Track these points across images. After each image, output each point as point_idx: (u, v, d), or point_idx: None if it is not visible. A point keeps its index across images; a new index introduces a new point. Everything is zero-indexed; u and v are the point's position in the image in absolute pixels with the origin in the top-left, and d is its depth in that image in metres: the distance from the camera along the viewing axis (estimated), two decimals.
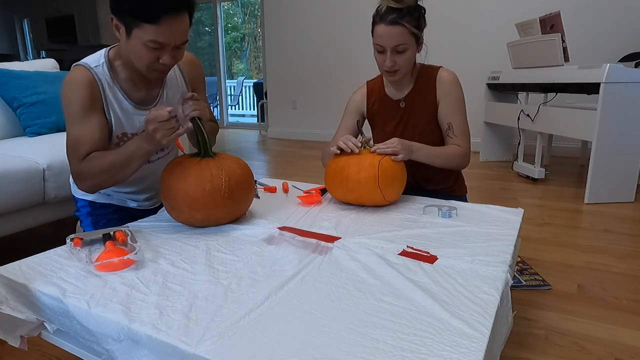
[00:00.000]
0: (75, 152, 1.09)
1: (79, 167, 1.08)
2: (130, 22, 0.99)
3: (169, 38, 1.01)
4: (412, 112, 1.40)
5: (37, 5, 7.30)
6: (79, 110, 1.08)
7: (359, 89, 1.51)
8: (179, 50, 1.07)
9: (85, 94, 1.08)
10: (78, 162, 1.08)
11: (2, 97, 2.04)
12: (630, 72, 2.33)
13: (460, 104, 1.37)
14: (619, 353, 1.13)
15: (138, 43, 1.01)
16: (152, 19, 0.97)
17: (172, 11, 0.98)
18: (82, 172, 1.08)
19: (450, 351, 0.59)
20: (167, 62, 1.05)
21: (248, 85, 9.15)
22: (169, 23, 0.98)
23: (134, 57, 1.05)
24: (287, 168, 3.68)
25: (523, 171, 3.09)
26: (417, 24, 1.25)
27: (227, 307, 0.71)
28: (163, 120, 0.98)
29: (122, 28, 1.02)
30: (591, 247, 1.85)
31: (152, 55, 1.03)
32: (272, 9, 5.23)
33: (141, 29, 0.98)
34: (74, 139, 1.09)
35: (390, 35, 1.23)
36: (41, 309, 0.80)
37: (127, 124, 1.18)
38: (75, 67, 1.11)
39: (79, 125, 1.08)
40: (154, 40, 0.99)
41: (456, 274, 0.82)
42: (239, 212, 1.13)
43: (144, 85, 1.18)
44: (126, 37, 1.02)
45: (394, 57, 1.27)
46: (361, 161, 1.20)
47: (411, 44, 1.26)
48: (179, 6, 0.99)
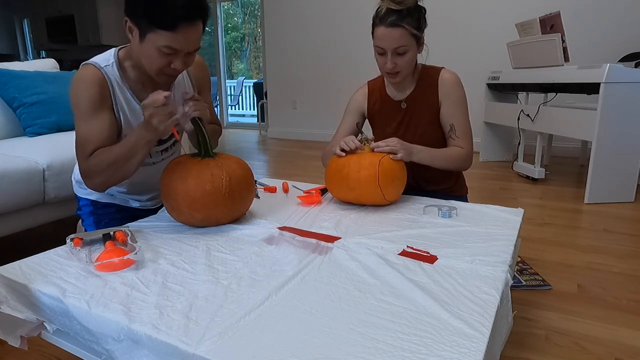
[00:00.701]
0: (83, 150, 1.08)
1: (87, 165, 1.08)
2: (145, 26, 0.99)
3: (183, 45, 1.01)
4: (413, 113, 1.40)
5: (37, 5, 7.29)
6: (87, 108, 1.07)
7: (360, 89, 1.50)
8: (191, 56, 1.07)
9: (94, 92, 1.08)
10: (85, 159, 1.08)
11: (2, 97, 2.04)
12: (630, 72, 2.33)
13: (463, 104, 1.36)
14: (619, 353, 1.13)
15: (151, 47, 1.01)
16: (169, 26, 0.97)
17: (188, 19, 0.98)
18: (90, 169, 1.07)
19: (450, 351, 0.59)
20: (178, 68, 1.05)
21: (248, 85, 9.15)
22: (184, 31, 0.99)
23: (145, 60, 1.05)
24: (287, 168, 3.68)
25: (523, 171, 3.09)
26: (417, 25, 1.24)
27: (227, 307, 0.71)
28: (159, 105, 0.98)
29: (135, 31, 1.02)
30: (591, 247, 1.85)
31: (164, 60, 1.03)
32: (272, 9, 5.23)
33: (156, 34, 0.98)
34: (82, 137, 1.08)
35: (390, 37, 1.23)
36: (41, 309, 0.80)
37: (135, 124, 1.17)
38: (84, 66, 1.11)
39: (87, 123, 1.08)
40: (168, 46, 1.00)
41: (456, 274, 0.82)
42: (240, 212, 1.13)
43: (152, 86, 1.17)
44: (139, 40, 1.02)
45: (395, 58, 1.26)
46: (361, 160, 1.20)
47: (412, 45, 1.26)
48: (195, 15, 1.00)
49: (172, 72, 1.07)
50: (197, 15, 1.00)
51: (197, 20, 1.00)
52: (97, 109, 1.08)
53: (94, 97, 1.08)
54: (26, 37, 8.13)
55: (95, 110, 1.08)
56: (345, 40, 4.78)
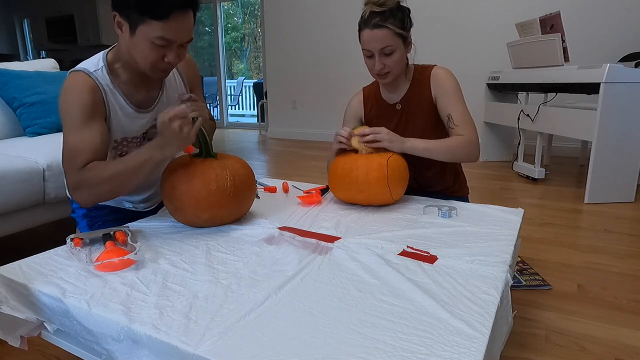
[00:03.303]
0: (73, 160, 1.02)
1: (78, 177, 1.01)
2: (136, 18, 0.97)
3: (176, 35, 1.00)
4: (409, 113, 1.39)
5: (37, 5, 7.30)
6: (79, 117, 1.02)
7: (356, 96, 1.50)
8: (183, 49, 1.06)
9: (86, 100, 1.03)
10: (76, 171, 1.01)
11: (2, 97, 2.04)
12: (630, 72, 2.33)
13: (457, 93, 1.34)
14: (619, 353, 1.13)
15: (144, 40, 0.99)
16: (161, 16, 0.96)
17: (181, 7, 0.97)
18: (81, 181, 1.01)
19: (450, 351, 0.59)
20: (172, 61, 1.04)
21: (248, 85, 9.15)
22: (176, 20, 0.98)
23: (137, 55, 1.02)
24: (287, 168, 3.68)
25: (523, 171, 3.09)
26: (401, 24, 1.25)
27: (227, 307, 0.71)
28: (185, 115, 0.97)
29: (125, 25, 1.00)
30: (591, 247, 1.84)
31: (157, 53, 1.01)
32: (272, 9, 5.23)
33: (148, 26, 0.97)
34: (72, 147, 1.02)
35: (375, 38, 1.24)
36: (41, 309, 0.80)
37: (128, 128, 1.15)
38: (74, 73, 1.06)
39: (79, 132, 1.02)
40: (161, 36, 0.98)
41: (456, 274, 0.82)
42: (242, 212, 1.13)
43: (143, 87, 1.16)
44: (130, 34, 1.00)
45: (383, 59, 1.27)
46: (369, 162, 1.20)
47: (398, 45, 1.26)
48: (187, 3, 0.99)
49: (165, 66, 1.05)
50: (188, 3, 0.99)
51: (188, 8, 1.00)
52: (90, 118, 1.04)
53: (86, 106, 1.03)
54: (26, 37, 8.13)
55: (88, 119, 1.03)
56: (345, 40, 4.78)
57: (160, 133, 0.99)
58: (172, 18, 0.97)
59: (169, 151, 1.00)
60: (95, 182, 1.00)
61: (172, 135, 0.97)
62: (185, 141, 0.99)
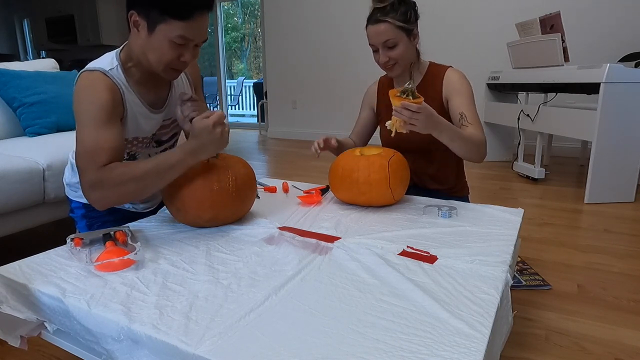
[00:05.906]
0: (93, 158, 0.97)
1: (98, 175, 0.97)
2: (157, 18, 0.97)
3: (196, 34, 1.01)
4: None
5: (37, 5, 7.29)
6: (100, 115, 1.00)
7: (373, 84, 1.56)
8: (198, 48, 1.07)
9: (106, 99, 1.01)
10: (96, 169, 0.97)
11: (2, 97, 2.04)
12: (630, 72, 2.33)
13: (470, 97, 1.35)
14: (619, 353, 1.13)
15: (163, 39, 0.99)
16: (185, 16, 0.97)
17: (204, 8, 0.99)
18: (102, 180, 0.96)
19: (450, 351, 0.59)
20: (188, 60, 1.04)
21: (248, 85, 9.16)
22: (197, 20, 0.99)
23: (154, 54, 1.02)
24: (287, 168, 3.68)
25: (523, 171, 3.09)
26: (404, 18, 1.27)
27: (227, 307, 0.71)
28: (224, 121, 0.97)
29: (142, 24, 0.99)
30: (591, 247, 1.84)
31: (174, 52, 1.01)
32: (272, 8, 5.23)
33: (169, 25, 0.97)
34: (92, 145, 0.98)
35: (376, 33, 1.28)
36: (41, 309, 0.80)
37: (141, 128, 1.15)
38: (88, 73, 1.04)
39: (101, 130, 0.99)
40: (182, 35, 0.98)
41: (456, 274, 0.82)
42: (244, 211, 1.13)
43: (153, 87, 1.15)
44: (147, 33, 0.99)
45: (387, 52, 1.30)
46: (370, 163, 1.20)
47: (400, 37, 1.28)
48: (209, 4, 1.00)
49: (180, 65, 1.05)
50: (209, 4, 1.01)
51: (209, 9, 1.01)
52: (110, 117, 1.02)
53: (107, 105, 1.01)
54: (26, 37, 8.13)
55: (108, 118, 1.01)
56: (345, 40, 4.78)
57: (196, 137, 0.97)
58: (194, 17, 0.98)
59: (202, 156, 0.99)
60: (121, 180, 0.96)
61: (211, 140, 0.97)
62: (222, 148, 0.99)
